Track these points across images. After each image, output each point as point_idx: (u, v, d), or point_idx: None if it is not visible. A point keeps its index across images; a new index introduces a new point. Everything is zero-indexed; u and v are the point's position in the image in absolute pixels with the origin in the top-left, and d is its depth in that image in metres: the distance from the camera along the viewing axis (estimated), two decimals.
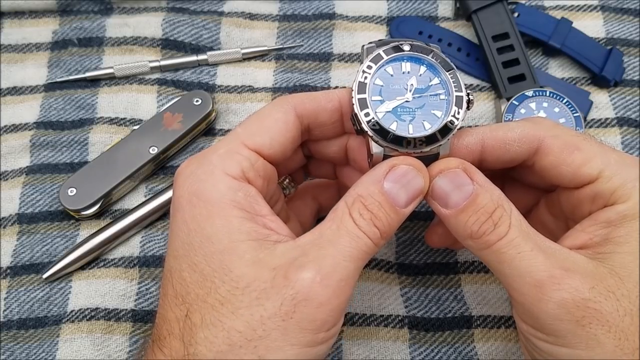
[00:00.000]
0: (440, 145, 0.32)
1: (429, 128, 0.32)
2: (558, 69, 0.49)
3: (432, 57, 0.33)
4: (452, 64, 0.33)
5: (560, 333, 0.28)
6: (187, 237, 0.30)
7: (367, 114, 0.31)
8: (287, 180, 0.38)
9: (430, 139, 0.31)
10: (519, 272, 0.29)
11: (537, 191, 0.36)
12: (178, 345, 0.29)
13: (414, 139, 0.31)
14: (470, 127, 0.34)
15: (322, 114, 0.33)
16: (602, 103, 0.48)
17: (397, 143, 0.31)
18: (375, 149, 0.32)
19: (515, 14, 0.49)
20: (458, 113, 0.32)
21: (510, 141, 0.32)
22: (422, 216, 0.44)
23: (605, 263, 0.29)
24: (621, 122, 0.47)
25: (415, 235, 0.43)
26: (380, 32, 0.51)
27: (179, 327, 0.29)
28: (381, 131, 0.31)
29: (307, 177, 0.41)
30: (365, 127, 0.31)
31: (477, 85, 0.49)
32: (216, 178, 0.30)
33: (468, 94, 0.32)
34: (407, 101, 0.32)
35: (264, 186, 0.32)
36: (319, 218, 0.41)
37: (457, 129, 0.32)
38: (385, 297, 0.41)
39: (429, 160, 0.32)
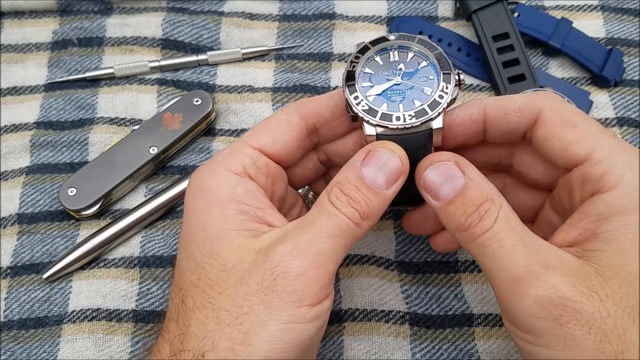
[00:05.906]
0: (430, 119, 0.32)
1: (419, 105, 0.32)
2: (558, 69, 0.49)
3: (418, 42, 0.34)
4: (437, 46, 0.34)
5: (538, 331, 0.28)
6: (187, 228, 0.32)
7: (356, 97, 0.33)
8: (306, 189, 0.40)
9: (419, 113, 0.32)
10: (499, 267, 0.28)
11: (541, 193, 0.36)
12: (175, 328, 0.30)
13: (403, 114, 0.32)
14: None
15: (325, 110, 0.34)
16: (602, 103, 0.48)
17: (387, 119, 0.32)
18: (368, 130, 0.33)
19: (515, 14, 0.49)
20: (447, 88, 0.33)
21: (511, 111, 0.32)
22: None
23: (591, 261, 0.28)
24: (621, 122, 0.47)
25: None
26: (380, 32, 0.51)
27: (176, 312, 0.31)
28: (370, 110, 0.32)
29: None
30: (355, 109, 0.32)
31: (477, 85, 0.49)
32: (218, 174, 0.32)
33: (458, 73, 0.33)
34: (396, 84, 0.34)
35: (267, 184, 0.33)
36: None
37: (447, 103, 0.32)
38: (386, 292, 0.41)
39: (422, 138, 0.33)
